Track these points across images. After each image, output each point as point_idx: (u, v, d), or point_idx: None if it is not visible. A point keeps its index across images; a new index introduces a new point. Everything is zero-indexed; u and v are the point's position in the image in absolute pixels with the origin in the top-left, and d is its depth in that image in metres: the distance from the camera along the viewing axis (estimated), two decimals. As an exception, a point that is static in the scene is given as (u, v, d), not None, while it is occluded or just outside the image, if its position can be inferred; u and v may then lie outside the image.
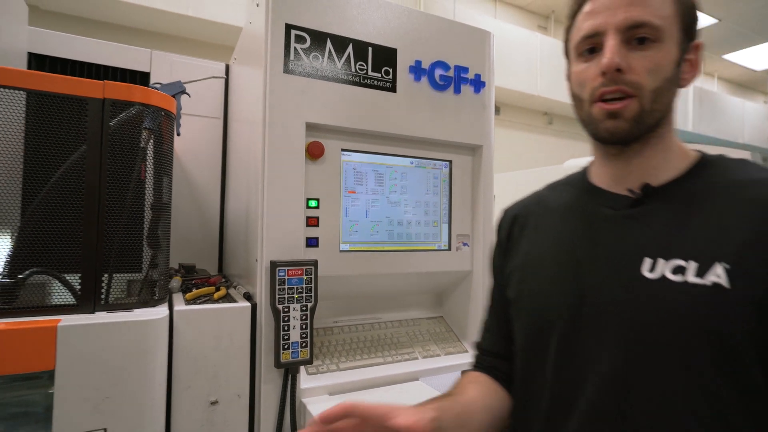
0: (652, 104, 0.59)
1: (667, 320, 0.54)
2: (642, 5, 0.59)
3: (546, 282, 0.68)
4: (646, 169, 0.63)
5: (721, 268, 0.53)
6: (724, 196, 0.58)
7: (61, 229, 0.90)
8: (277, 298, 1.02)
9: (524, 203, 0.81)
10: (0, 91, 0.85)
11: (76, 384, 0.81)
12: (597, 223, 0.65)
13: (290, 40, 1.09)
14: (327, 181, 1.16)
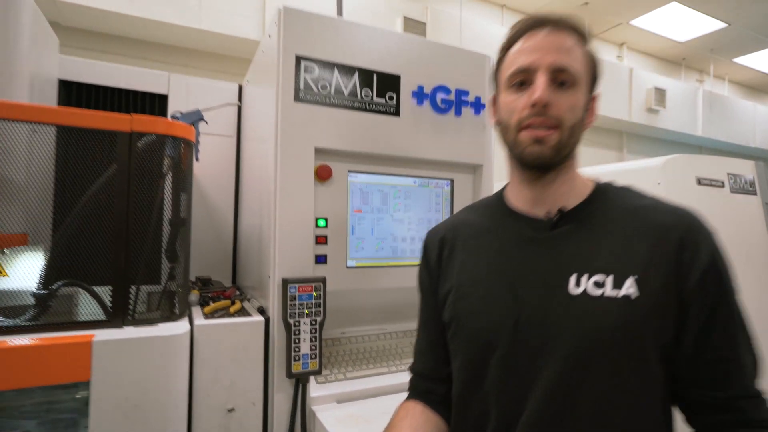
0: (569, 138, 0.68)
1: (594, 331, 0.62)
2: (567, 53, 0.68)
3: (482, 302, 0.72)
4: (558, 194, 0.72)
5: (632, 280, 0.62)
6: (623, 219, 0.68)
7: (92, 247, 0.99)
8: (288, 312, 1.09)
9: (449, 226, 0.85)
10: (37, 126, 0.94)
11: (108, 393, 0.90)
12: (523, 244, 0.72)
13: (300, 70, 1.17)
14: (335, 201, 1.23)
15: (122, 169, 1.00)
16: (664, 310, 0.62)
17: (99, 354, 0.89)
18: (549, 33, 0.70)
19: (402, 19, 4.49)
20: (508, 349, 0.67)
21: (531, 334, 0.66)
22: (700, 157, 2.44)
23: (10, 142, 0.93)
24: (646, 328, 0.62)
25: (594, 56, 0.73)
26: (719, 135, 7.19)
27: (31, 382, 0.86)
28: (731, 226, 2.35)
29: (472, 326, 0.73)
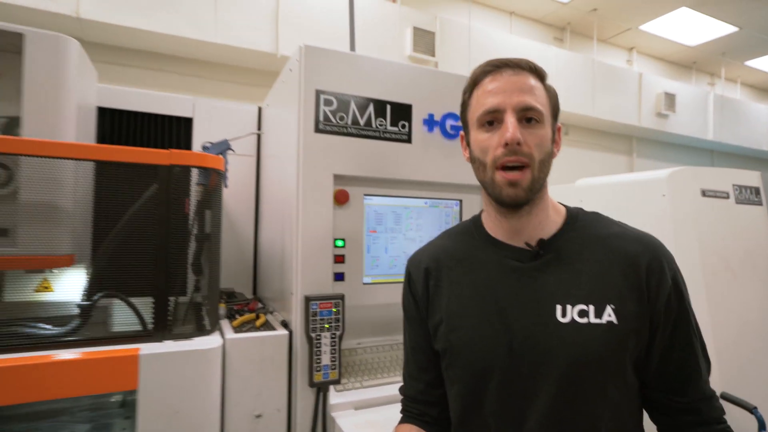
0: (539, 173, 0.74)
1: (583, 355, 0.69)
2: (530, 93, 0.74)
3: (474, 332, 0.76)
4: (535, 224, 0.77)
5: (611, 309, 0.70)
6: (596, 249, 0.75)
7: (134, 268, 1.10)
8: (310, 327, 1.19)
9: (431, 255, 0.87)
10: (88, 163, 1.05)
11: (153, 400, 1.00)
12: (508, 273, 0.76)
13: (320, 103, 1.27)
14: (352, 222, 1.33)
15: (162, 197, 1.11)
16: (639, 332, 0.71)
17: (145, 366, 1.00)
18: (512, 75, 0.75)
19: (412, 30, 4.59)
20: (505, 374, 0.73)
21: (525, 359, 0.72)
22: (705, 169, 2.48)
23: (69, 176, 1.05)
24: (625, 348, 0.70)
25: (553, 91, 0.78)
26: (730, 139, 7.16)
27: (87, 391, 0.97)
28: (737, 237, 2.40)
29: (467, 356, 0.76)
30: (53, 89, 1.19)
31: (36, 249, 1.09)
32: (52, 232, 1.10)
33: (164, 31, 3.76)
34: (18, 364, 0.91)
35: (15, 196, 1.10)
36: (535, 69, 0.77)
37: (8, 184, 1.11)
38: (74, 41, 1.23)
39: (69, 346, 1.01)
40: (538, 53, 5.39)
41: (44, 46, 1.17)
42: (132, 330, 1.08)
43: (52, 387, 0.93)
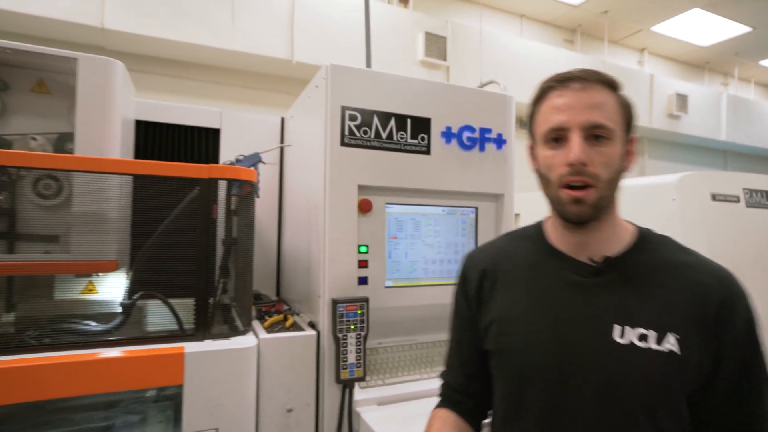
0: (607, 192, 0.72)
1: (638, 379, 0.67)
2: (600, 109, 0.71)
3: (525, 341, 0.76)
4: (601, 241, 0.75)
5: (674, 338, 0.67)
6: (665, 274, 0.72)
7: (176, 273, 1.20)
8: (337, 328, 1.28)
9: (489, 256, 0.88)
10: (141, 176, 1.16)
11: (197, 395, 1.10)
12: (568, 287, 0.75)
13: (345, 119, 1.35)
14: (374, 230, 1.41)
15: (202, 207, 1.20)
16: (701, 366, 0.67)
17: (189, 363, 1.10)
18: (579, 89, 0.72)
19: (424, 35, 4.66)
20: (551, 386, 0.72)
21: (575, 376, 0.70)
22: (716, 173, 2.52)
23: (116, 188, 1.15)
24: (684, 380, 0.67)
25: (627, 101, 0.75)
26: (744, 139, 7.11)
27: (140, 385, 1.07)
28: (748, 240, 2.44)
29: (515, 362, 0.77)
30: (102, 107, 1.29)
31: (84, 255, 1.19)
32: (99, 239, 1.20)
33: (184, 40, 3.88)
34: (81, 360, 1.02)
35: (65, 206, 1.20)
36: (606, 81, 0.74)
37: (58, 195, 1.21)
38: (120, 63, 1.33)
39: (120, 344, 1.11)
40: (548, 56, 5.43)
41: (95, 69, 1.27)
42: (176, 330, 1.18)
43: (110, 381, 1.03)
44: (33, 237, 1.18)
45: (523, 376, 0.76)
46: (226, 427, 1.12)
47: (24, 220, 1.15)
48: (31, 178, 1.16)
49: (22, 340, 1.09)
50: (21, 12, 3.36)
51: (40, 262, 1.14)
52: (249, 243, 1.34)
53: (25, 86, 1.37)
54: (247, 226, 1.32)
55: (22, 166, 1.10)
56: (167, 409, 1.20)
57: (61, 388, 1.00)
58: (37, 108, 1.38)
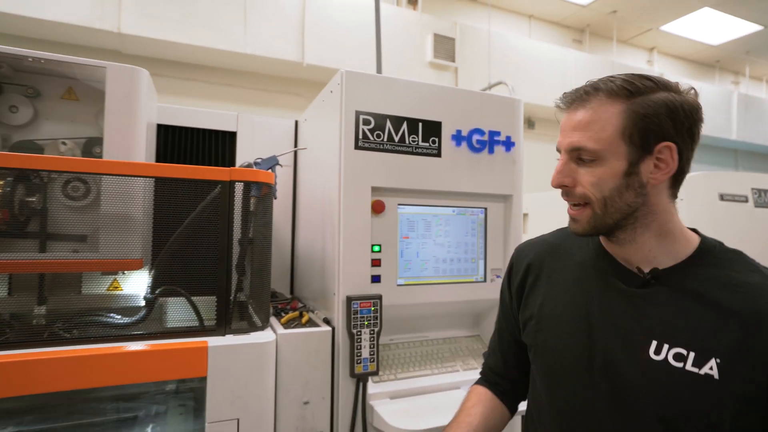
0: (605, 209, 0.69)
1: (666, 399, 0.65)
2: (583, 130, 0.68)
3: (560, 340, 0.76)
4: (644, 253, 0.72)
5: (714, 362, 0.63)
6: (721, 294, 0.65)
7: (198, 270, 1.25)
8: (351, 324, 1.33)
9: (537, 250, 0.89)
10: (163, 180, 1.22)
11: (219, 386, 1.16)
12: (610, 293, 0.73)
13: (359, 123, 1.41)
14: (387, 230, 1.46)
15: (223, 208, 1.26)
16: (746, 396, 0.61)
17: (212, 356, 1.15)
18: (572, 109, 0.71)
19: (432, 36, 4.70)
20: (578, 389, 0.73)
21: (602, 383, 0.70)
22: (724, 173, 2.54)
23: (141, 191, 1.21)
24: (723, 409, 0.62)
25: (647, 110, 0.67)
26: (755, 138, 7.06)
27: (166, 377, 1.13)
28: (756, 239, 2.45)
29: (546, 360, 0.79)
30: (128, 113, 1.35)
31: (111, 253, 1.25)
32: (125, 239, 1.26)
33: (197, 44, 3.97)
34: (113, 353, 1.08)
35: (93, 208, 1.26)
36: (608, 89, 0.68)
37: (86, 196, 1.28)
38: (145, 71, 1.39)
39: (148, 338, 1.17)
40: (556, 56, 5.44)
41: (122, 77, 1.33)
42: (199, 326, 1.24)
43: (139, 372, 1.09)
44: (62, 237, 1.24)
45: (552, 374, 0.78)
46: (246, 418, 1.18)
47: (54, 220, 1.21)
48: (61, 181, 1.22)
49: (54, 333, 1.15)
50: (42, 18, 3.47)
51: (69, 260, 1.20)
52: (267, 242, 1.39)
53: (56, 93, 1.44)
54: (265, 226, 1.38)
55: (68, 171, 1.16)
56: (188, 401, 1.25)
57: (94, 379, 1.06)
58: (67, 114, 1.45)
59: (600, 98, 0.69)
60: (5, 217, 1.15)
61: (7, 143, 1.41)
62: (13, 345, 1.06)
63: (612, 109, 0.68)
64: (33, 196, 1.20)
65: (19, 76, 1.40)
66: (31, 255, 1.16)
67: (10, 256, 1.11)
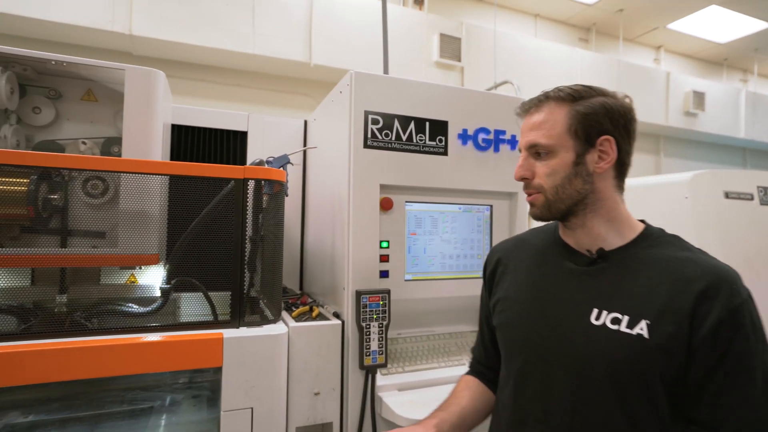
0: (556, 196, 0.82)
1: (605, 358, 0.74)
2: (538, 129, 0.82)
3: (518, 317, 0.87)
4: (594, 236, 0.83)
5: (644, 323, 0.72)
6: (655, 267, 0.76)
7: (213, 266, 1.30)
8: (361, 317, 1.38)
9: (508, 245, 1.02)
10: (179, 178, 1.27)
11: (234, 376, 1.20)
12: (562, 273, 0.85)
13: (368, 122, 1.45)
14: (395, 226, 1.50)
15: (237, 205, 1.31)
16: (672, 353, 0.70)
17: (228, 347, 1.20)
18: (529, 115, 0.85)
19: (438, 36, 4.73)
20: (530, 357, 0.83)
21: (551, 349, 0.80)
22: (729, 171, 2.54)
23: (159, 188, 1.26)
24: (653, 365, 0.71)
25: (586, 110, 0.80)
26: (764, 136, 7.01)
27: (184, 366, 1.18)
28: (761, 238, 2.46)
29: (507, 335, 0.91)
30: (146, 113, 1.39)
31: (128, 249, 1.29)
32: (142, 234, 1.30)
33: (207, 45, 4.03)
34: (135, 343, 1.13)
35: (112, 205, 1.31)
36: (557, 96, 0.82)
37: (105, 194, 1.33)
38: (161, 73, 1.44)
39: (166, 330, 1.22)
40: (563, 55, 5.44)
41: (140, 79, 1.38)
42: (214, 319, 1.29)
43: (159, 361, 1.14)
44: (82, 233, 1.29)
45: (511, 347, 0.89)
46: (259, 407, 1.23)
47: (74, 217, 1.25)
48: (81, 179, 1.27)
49: (77, 323, 1.20)
50: (55, 21, 3.54)
51: (89, 255, 1.24)
52: (279, 238, 1.44)
53: (76, 95, 1.50)
54: (277, 223, 1.42)
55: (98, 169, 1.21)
56: (204, 391, 1.30)
57: (117, 367, 1.11)
58: (86, 115, 1.50)
59: (550, 104, 0.83)
60: (30, 213, 1.21)
61: (31, 143, 1.46)
62: (37, 335, 1.11)
63: (560, 111, 0.82)
64: (55, 194, 1.26)
65: (41, 78, 1.46)
66: (52, 250, 1.21)
67: (33, 251, 1.15)
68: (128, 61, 1.76)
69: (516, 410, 0.86)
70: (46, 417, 1.24)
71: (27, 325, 1.20)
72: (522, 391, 0.85)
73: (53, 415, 1.25)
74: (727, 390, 0.69)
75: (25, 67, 1.38)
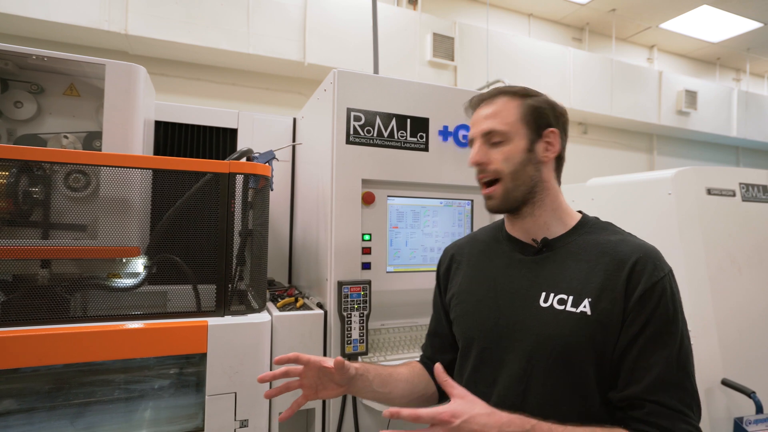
0: (514, 182, 0.86)
1: (554, 336, 0.80)
2: (493, 118, 0.87)
3: (473, 307, 0.93)
4: (540, 225, 0.89)
5: (587, 301, 0.79)
6: (593, 251, 0.84)
7: (200, 257, 1.35)
8: (342, 307, 1.43)
9: (460, 244, 1.08)
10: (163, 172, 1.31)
11: (218, 362, 1.25)
12: (513, 264, 0.91)
13: (350, 119, 1.50)
14: (377, 220, 1.55)
15: (222, 199, 1.36)
16: (608, 327, 0.77)
17: (212, 334, 1.25)
18: (482, 107, 0.90)
19: (431, 36, 4.78)
20: (486, 344, 0.88)
21: (504, 334, 0.86)
22: (711, 168, 2.59)
23: (141, 182, 1.30)
24: (597, 340, 0.77)
25: (537, 104, 0.89)
26: (756, 135, 7.07)
27: (170, 352, 1.22)
28: (743, 233, 2.50)
29: (464, 326, 0.95)
30: (126, 108, 1.41)
31: (109, 241, 1.27)
32: (122, 227, 1.28)
33: (202, 44, 4.08)
34: (123, 329, 1.18)
35: (93, 198, 1.28)
36: (510, 92, 0.89)
37: (86, 188, 1.30)
38: (142, 69, 1.46)
39: (153, 318, 1.27)
40: (556, 54, 5.49)
41: (120, 74, 1.40)
42: (201, 307, 1.34)
43: (146, 347, 1.19)
44: (64, 225, 1.27)
45: (469, 337, 0.94)
46: (243, 391, 1.28)
47: (56, 210, 1.25)
48: (62, 173, 1.26)
49: (65, 307, 1.21)
50: (51, 20, 3.59)
51: (70, 247, 1.25)
52: (264, 231, 1.49)
53: (58, 90, 1.51)
54: (262, 216, 1.47)
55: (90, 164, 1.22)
56: (191, 377, 1.35)
57: (105, 352, 1.16)
58: (68, 109, 1.52)
59: (503, 98, 0.89)
60: (9, 206, 1.19)
61: (12, 137, 1.49)
62: (27, 321, 1.15)
63: (514, 103, 0.89)
64: (36, 187, 1.24)
65: (23, 73, 1.48)
66: (33, 242, 1.22)
67: (15, 243, 1.17)
68: (124, 61, 1.80)
69: (475, 392, 0.88)
70: (39, 404, 1.28)
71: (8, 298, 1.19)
72: (480, 378, 0.89)
73: (45, 402, 1.29)
74: (647, 354, 0.75)
75: (6, 61, 1.40)
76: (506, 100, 0.89)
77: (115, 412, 1.30)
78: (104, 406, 1.30)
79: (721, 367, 1.94)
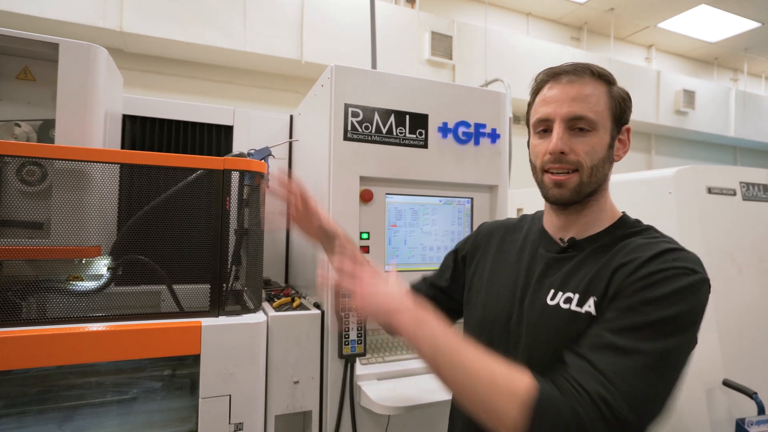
0: (590, 178, 0.79)
1: (557, 331, 0.79)
2: (582, 101, 0.76)
3: (491, 298, 0.93)
4: (582, 224, 0.84)
5: (592, 300, 0.75)
6: (616, 253, 0.77)
7: (196, 258, 1.31)
8: (340, 307, 1.39)
9: (500, 225, 1.05)
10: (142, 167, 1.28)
11: (212, 364, 1.22)
12: (537, 259, 0.89)
13: (348, 115, 1.46)
14: (375, 218, 1.52)
15: (217, 196, 1.32)
16: None
17: (206, 335, 1.22)
18: (567, 83, 0.78)
19: (430, 34, 4.75)
20: (497, 336, 0.88)
21: (514, 329, 0.86)
22: (712, 167, 2.57)
23: (105, 178, 1.25)
24: None
25: (620, 94, 0.80)
26: (754, 135, 7.08)
27: (163, 353, 1.19)
28: (743, 232, 2.49)
29: (478, 314, 0.96)
30: (84, 94, 1.30)
31: (67, 241, 1.15)
32: (83, 226, 1.17)
33: (199, 42, 4.04)
34: (117, 329, 1.14)
35: (49, 193, 1.15)
36: (597, 73, 0.79)
37: (42, 181, 1.15)
38: (103, 50, 1.34)
39: (145, 318, 1.23)
40: (554, 54, 5.48)
41: (76, 55, 1.29)
42: (195, 307, 1.30)
43: (139, 348, 1.16)
44: (17, 223, 1.14)
45: (482, 325, 0.94)
46: (237, 394, 1.24)
47: (8, 206, 1.12)
48: (15, 165, 1.12)
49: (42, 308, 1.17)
50: (45, 17, 3.54)
51: (24, 247, 1.13)
52: (259, 229, 1.45)
53: (11, 73, 1.40)
54: (257, 214, 1.44)
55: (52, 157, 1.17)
56: (185, 379, 1.32)
57: (96, 354, 1.13)
58: (22, 95, 1.40)
59: (592, 80, 0.79)
60: None
61: (-42, 123, 1.33)
62: (7, 323, 1.11)
63: (602, 89, 0.79)
64: None
65: (-30, 54, 1.33)
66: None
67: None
68: (120, 58, 1.73)
69: None
70: (31, 408, 1.25)
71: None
72: None
73: (37, 406, 1.26)
74: (610, 326, 0.69)
75: (-49, 40, 1.26)
76: (595, 84, 0.79)
77: (105, 415, 1.26)
78: (94, 409, 1.26)
79: (722, 367, 1.92)
